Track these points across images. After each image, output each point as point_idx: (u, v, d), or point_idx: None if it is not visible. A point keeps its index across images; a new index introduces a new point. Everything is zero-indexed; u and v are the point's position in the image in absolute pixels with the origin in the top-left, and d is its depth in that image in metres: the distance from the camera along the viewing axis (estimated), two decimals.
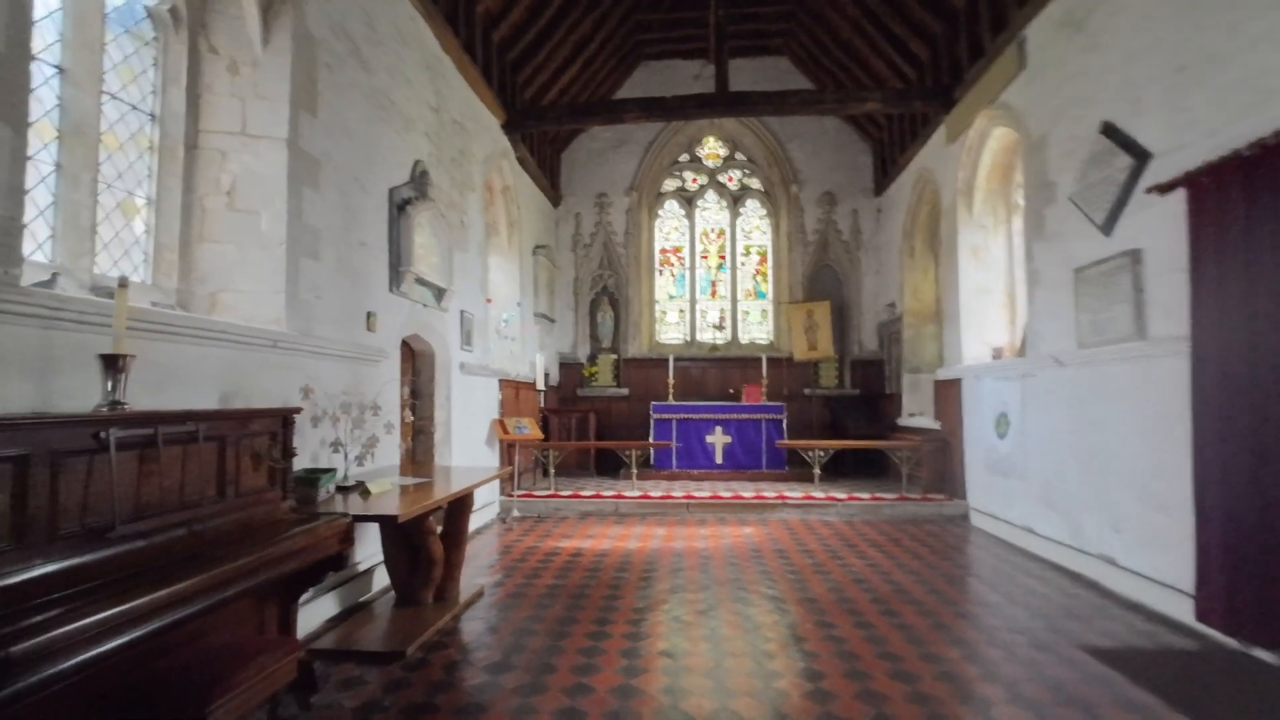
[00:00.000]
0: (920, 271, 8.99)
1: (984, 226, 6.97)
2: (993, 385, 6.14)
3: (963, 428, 6.86)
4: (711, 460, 8.72)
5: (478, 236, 6.81)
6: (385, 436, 3.76)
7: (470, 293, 6.51)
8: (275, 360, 3.35)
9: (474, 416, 6.51)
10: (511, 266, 8.44)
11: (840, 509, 6.83)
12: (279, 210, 3.54)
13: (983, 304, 6.92)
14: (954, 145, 7.15)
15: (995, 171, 6.83)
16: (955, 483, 7.02)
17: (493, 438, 6.93)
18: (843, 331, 10.24)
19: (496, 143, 7.47)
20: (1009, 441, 5.80)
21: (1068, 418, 4.93)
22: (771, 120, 10.53)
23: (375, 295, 4.54)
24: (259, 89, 3.56)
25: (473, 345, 6.44)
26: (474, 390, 6.47)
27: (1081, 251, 4.73)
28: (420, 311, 5.29)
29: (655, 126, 10.65)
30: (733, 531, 6.25)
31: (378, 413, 3.67)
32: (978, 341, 6.90)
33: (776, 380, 9.81)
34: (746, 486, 8.01)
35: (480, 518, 6.55)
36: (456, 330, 6.08)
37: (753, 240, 10.98)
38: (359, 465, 3.60)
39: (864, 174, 10.39)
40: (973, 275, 6.98)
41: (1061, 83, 5.05)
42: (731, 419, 8.77)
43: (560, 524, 6.63)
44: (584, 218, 10.70)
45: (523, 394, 8.13)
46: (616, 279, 10.65)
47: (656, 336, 10.92)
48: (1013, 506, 5.78)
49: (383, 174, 4.71)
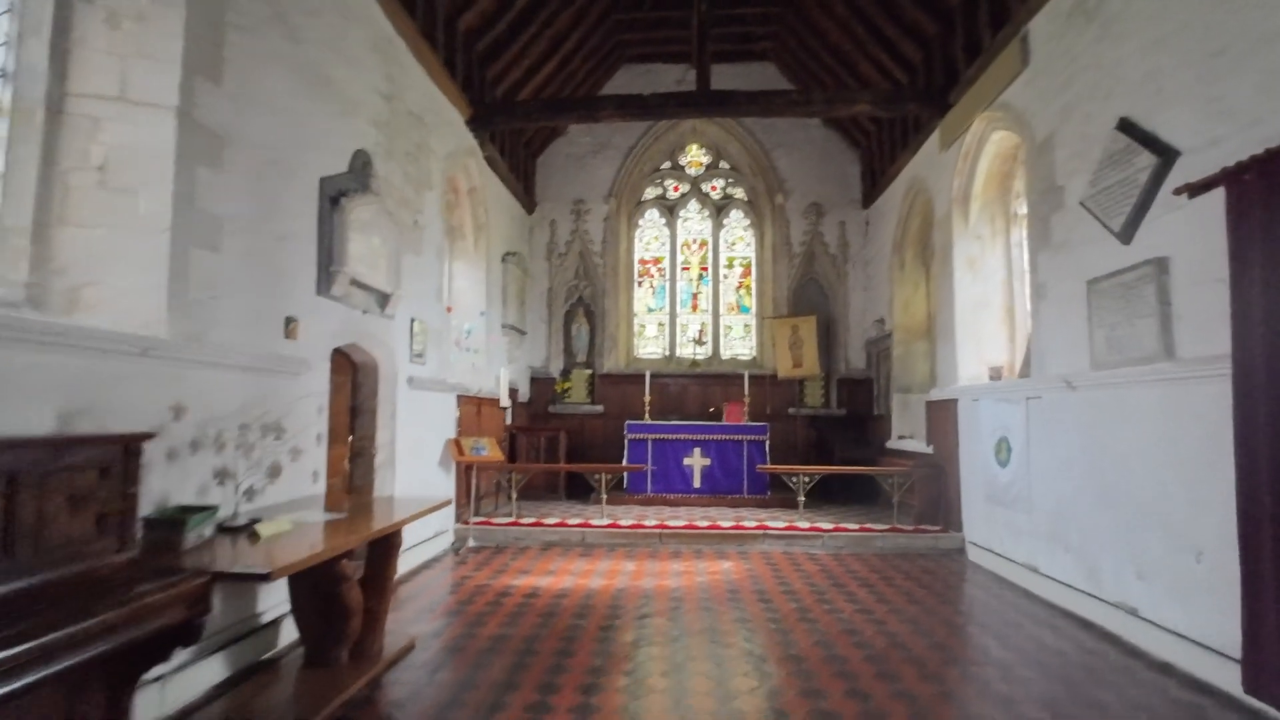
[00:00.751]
0: (911, 286, 8.55)
1: (980, 237, 6.53)
2: (992, 408, 5.65)
3: (958, 453, 6.36)
4: (689, 484, 8.14)
5: (435, 239, 6.23)
6: (291, 464, 3.16)
7: (424, 299, 5.92)
8: (144, 371, 2.73)
9: (425, 436, 5.88)
10: (477, 273, 7.86)
11: (826, 541, 6.28)
12: (163, 191, 2.94)
13: (980, 319, 6.46)
14: (949, 152, 6.73)
15: (993, 179, 6.41)
16: (950, 513, 6.50)
17: (447, 459, 6.30)
18: (829, 348, 9.76)
19: (461, 139, 6.93)
20: (1011, 470, 5.29)
21: (1080, 445, 4.43)
22: (757, 128, 10.12)
23: (298, 297, 3.94)
24: (144, 47, 2.98)
25: (425, 357, 5.84)
26: (426, 407, 5.86)
27: (1095, 261, 4.26)
28: (358, 319, 4.69)
29: (635, 132, 10.19)
30: (709, 567, 5.67)
31: (280, 436, 3.07)
32: (974, 360, 6.42)
33: (759, 399, 9.29)
34: (726, 513, 7.44)
35: (431, 548, 5.90)
36: (405, 340, 5.48)
37: (736, 252, 10.51)
38: (248, 501, 2.98)
39: (852, 184, 9.98)
40: (969, 289, 6.52)
41: (1070, 78, 4.62)
42: (711, 440, 8.22)
43: (520, 556, 6.00)
44: (559, 225, 10.17)
45: (485, 411, 7.51)
46: (593, 289, 10.11)
47: (634, 351, 10.37)
48: (1016, 542, 5.26)
49: (313, 160, 4.13)
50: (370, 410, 5.16)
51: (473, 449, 6.33)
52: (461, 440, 6.37)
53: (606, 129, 10.19)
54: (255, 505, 3.19)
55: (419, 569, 5.50)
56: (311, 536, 2.90)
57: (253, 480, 2.99)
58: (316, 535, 2.94)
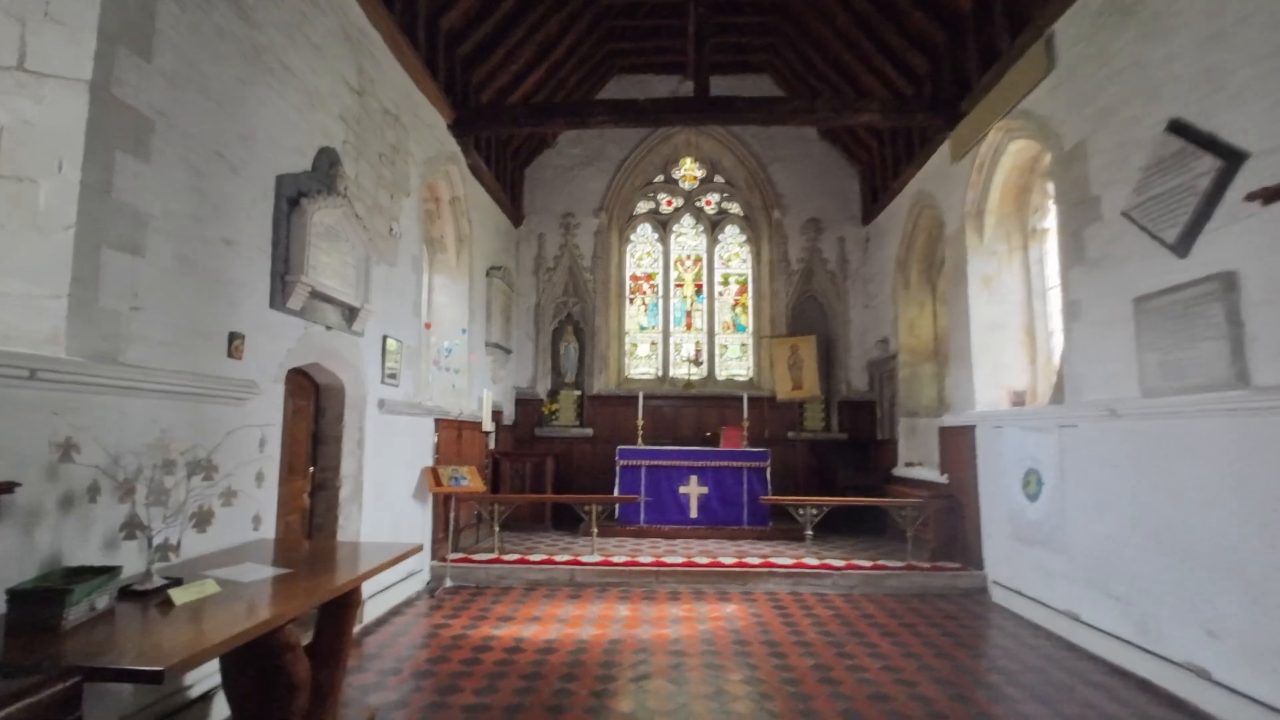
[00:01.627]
0: (916, 305, 8.18)
1: (996, 254, 6.16)
2: (1018, 436, 5.21)
3: (977, 484, 5.91)
4: (685, 514, 7.61)
5: (412, 249, 5.73)
6: (224, 508, 2.62)
7: (399, 315, 5.40)
8: (29, 399, 2.20)
9: (398, 465, 5.32)
10: (459, 288, 7.36)
11: (837, 580, 5.77)
12: (69, 180, 2.43)
13: (997, 341, 6.05)
14: (960, 164, 6.38)
15: (1009, 192, 6.05)
16: (970, 549, 6.03)
17: (423, 490, 5.73)
18: (829, 369, 9.34)
19: (442, 144, 6.47)
20: (1042, 505, 4.84)
21: (1126, 481, 3.99)
22: (753, 141, 9.78)
23: (247, 311, 3.41)
24: (51, 9, 2.48)
25: (400, 378, 5.30)
26: (399, 433, 5.31)
27: (1143, 277, 3.86)
28: (321, 335, 4.16)
29: (627, 144, 9.81)
30: (711, 611, 5.13)
31: (211, 476, 2.54)
32: (992, 384, 6.00)
33: (758, 422, 8.81)
34: (726, 547, 6.91)
35: (403, 590, 5.31)
36: (376, 359, 4.95)
37: (732, 268, 10.11)
38: (165, 557, 2.43)
39: (851, 200, 9.65)
40: (984, 309, 6.12)
41: (1105, 80, 4.26)
42: (708, 467, 7.71)
43: (502, 598, 5.42)
44: (548, 239, 9.71)
45: (466, 435, 6.96)
46: (582, 307, 9.63)
47: (626, 371, 9.87)
48: (1049, 585, 4.79)
49: (267, 155, 3.63)
50: (335, 438, 4.60)
51: (451, 479, 5.77)
52: (439, 469, 5.81)
53: (597, 141, 9.80)
54: (177, 561, 2.64)
55: (388, 615, 4.91)
56: (244, 601, 2.35)
57: (172, 531, 2.45)
58: (251, 599, 2.39)
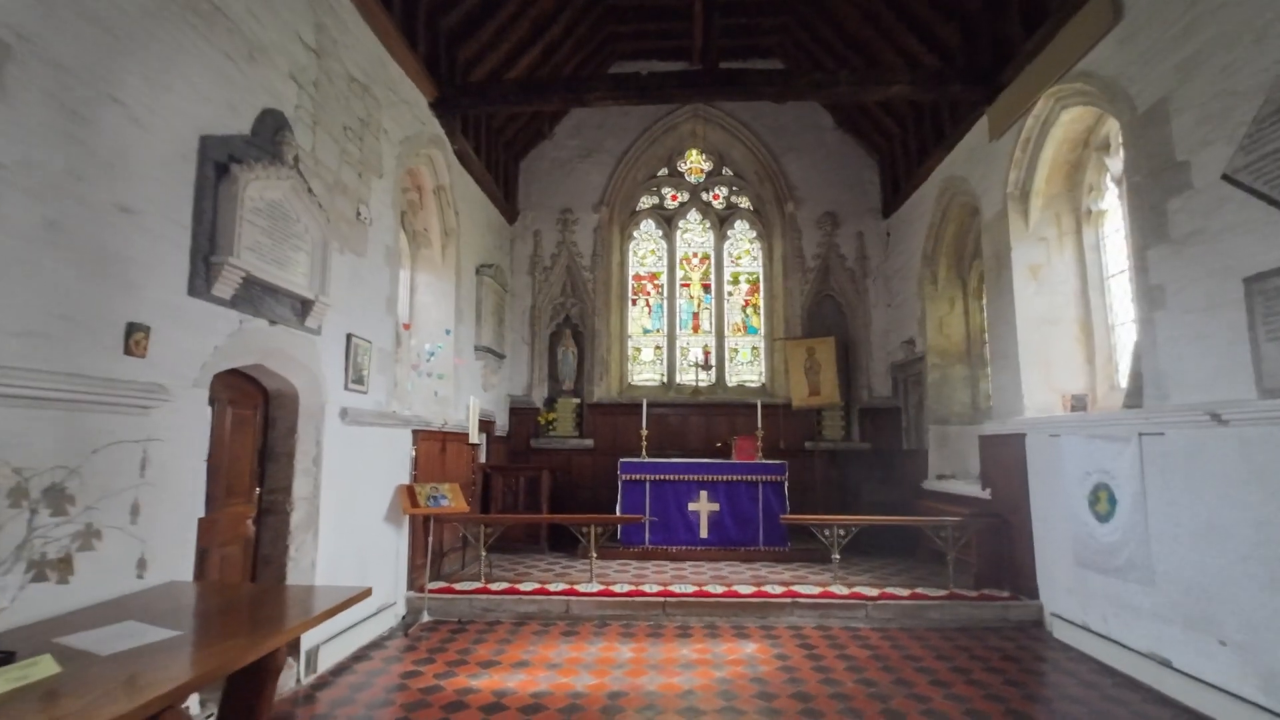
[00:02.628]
0: (945, 302, 7.48)
1: (1044, 240, 5.47)
2: (1082, 446, 4.49)
3: (1029, 500, 5.18)
4: (695, 534, 6.89)
5: (386, 238, 5.07)
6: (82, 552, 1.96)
7: (368, 312, 4.74)
8: None
9: (367, 483, 4.64)
10: (445, 286, 6.70)
11: (871, 611, 5.04)
12: None
13: (1047, 338, 5.35)
14: (1000, 141, 5.70)
15: (1058, 171, 5.37)
16: (1020, 575, 5.29)
17: (398, 512, 5.04)
18: (849, 373, 8.63)
19: (423, 125, 5.83)
20: (1116, 526, 4.12)
21: (1239, 500, 3.28)
22: (763, 130, 9.14)
23: (152, 297, 2.75)
24: None
25: (368, 384, 4.63)
26: (368, 446, 4.63)
27: (1259, 251, 3.17)
28: (263, 332, 3.49)
29: (629, 135, 9.18)
30: (729, 651, 4.41)
31: (66, 511, 1.87)
32: (1043, 386, 5.30)
33: (771, 431, 8.10)
34: (740, 571, 6.18)
35: (371, 629, 4.62)
36: (338, 362, 4.28)
37: (742, 266, 9.43)
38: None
39: (870, 192, 8.98)
40: (1032, 302, 5.43)
41: (1194, 24, 3.59)
42: (720, 481, 7.00)
43: (486, 636, 4.71)
44: (544, 236, 9.06)
45: (452, 449, 6.28)
46: (581, 308, 8.96)
47: (628, 377, 9.19)
48: (1128, 622, 4.05)
49: (188, 109, 2.98)
50: (286, 453, 3.93)
51: (430, 498, 5.08)
52: (417, 487, 5.12)
53: (597, 132, 9.18)
54: (19, 625, 1.95)
55: (350, 662, 4.21)
56: (99, 683, 1.67)
57: (4, 584, 1.77)
58: (110, 678, 1.70)
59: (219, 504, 3.51)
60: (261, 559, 3.84)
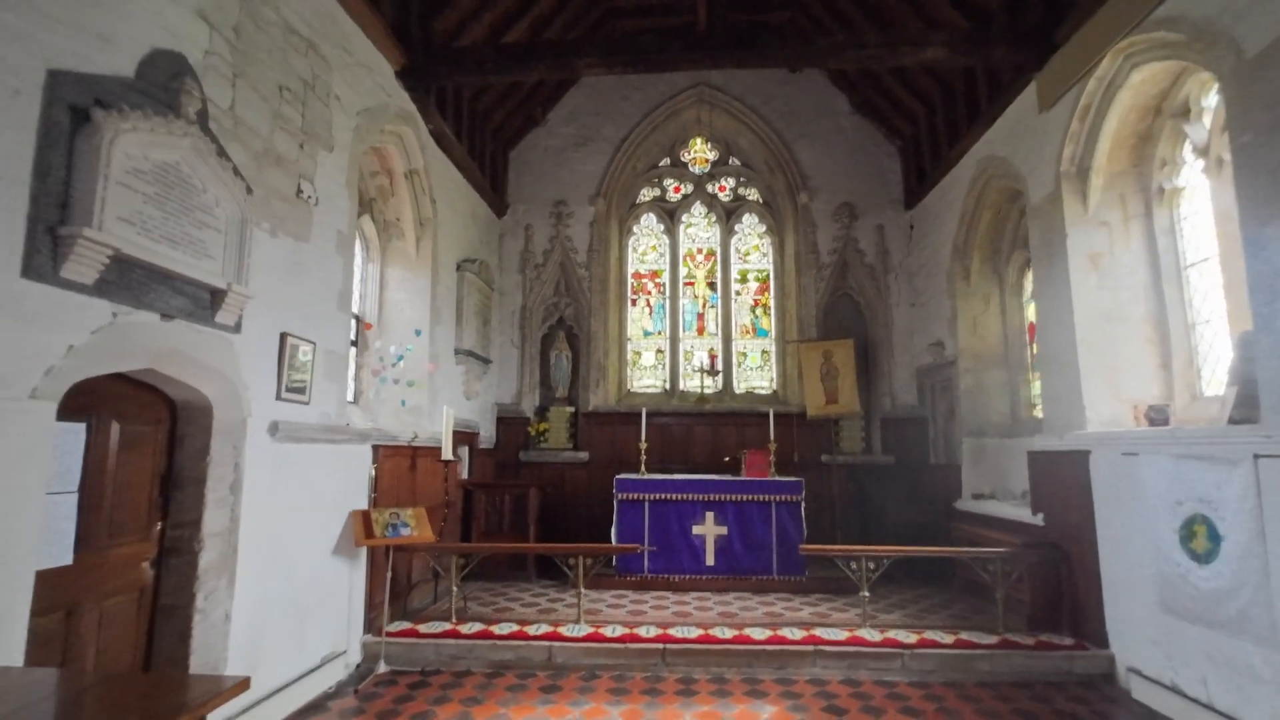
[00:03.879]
0: (980, 300, 6.71)
1: (1107, 224, 4.70)
2: (1168, 468, 3.71)
3: (1094, 529, 4.39)
4: (700, 561, 6.11)
5: (337, 222, 4.35)
6: None
7: (312, 307, 4.01)
8: None
9: (307, 511, 3.90)
10: (420, 282, 5.98)
11: (908, 662, 4.25)
12: None
13: (1111, 338, 4.57)
14: (1053, 112, 4.95)
15: (1123, 144, 4.61)
16: (1084, 618, 4.49)
17: (348, 543, 4.29)
18: (870, 379, 7.86)
19: (389, 97, 5.12)
20: (1222, 569, 3.33)
21: None
22: (773, 116, 8.40)
23: None
24: None
25: (309, 393, 3.89)
26: (311, 466, 3.89)
27: None
28: (153, 329, 2.76)
29: (628, 121, 8.46)
30: (742, 717, 3.63)
31: None
32: (1108, 395, 4.52)
33: (785, 443, 7.32)
34: (752, 605, 5.40)
35: (315, 683, 3.87)
36: (267, 367, 3.55)
37: (751, 263, 8.68)
38: None
39: (891, 182, 8.22)
40: (1093, 296, 4.65)
41: None
42: (728, 501, 6.22)
43: (452, 692, 3.95)
44: (536, 231, 8.34)
45: (424, 465, 5.53)
46: (576, 309, 8.22)
47: (627, 384, 8.44)
48: (1243, 689, 3.26)
49: (30, 30, 2.26)
50: (196, 479, 3.19)
51: (388, 527, 4.33)
52: (375, 513, 4.37)
53: (594, 118, 8.47)
54: None
55: None
56: None
57: None
58: None
59: (98, 545, 2.78)
60: (162, 611, 3.10)
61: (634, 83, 8.45)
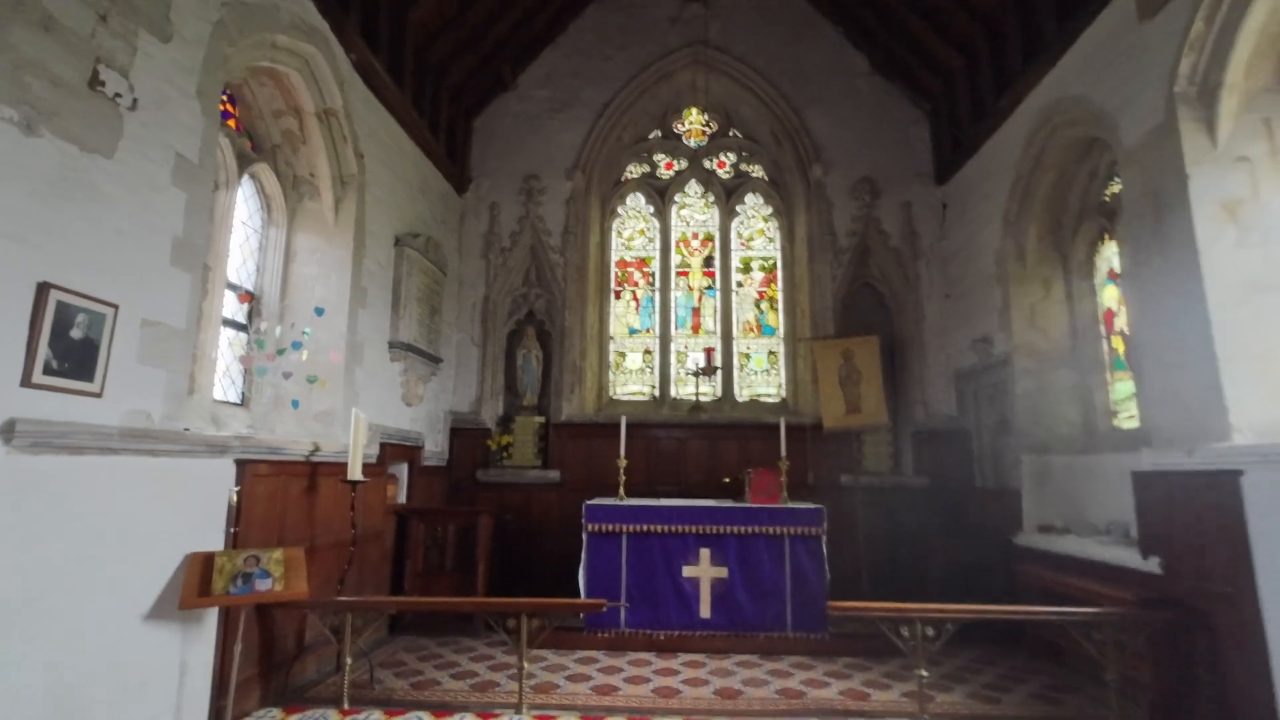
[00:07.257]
0: (1038, 285, 5.45)
1: (1246, 160, 3.45)
2: None
3: (1255, 583, 3.06)
4: (692, 613, 4.75)
5: (176, 142, 3.06)
6: None
7: (114, 254, 2.72)
8: None
9: (93, 564, 2.58)
10: (338, 254, 4.72)
11: None
12: None
13: (1260, 314, 3.30)
14: (1161, 18, 3.72)
15: (1267, 52, 3.38)
16: (1242, 710, 3.14)
17: (174, 604, 2.95)
18: (897, 384, 6.58)
19: (288, 8, 3.89)
20: None
21: None
22: (781, 80, 7.21)
23: None
24: None
25: (101, 377, 2.59)
26: (101, 493, 2.58)
27: None
28: None
29: (612, 84, 7.27)
30: None
31: None
32: (1261, 394, 3.23)
33: (796, 461, 6.00)
34: (761, 676, 4.04)
35: None
36: (11, 337, 2.25)
37: (755, 250, 7.43)
38: None
39: (919, 151, 7.01)
40: (1232, 257, 3.39)
41: None
42: (729, 534, 4.88)
43: None
44: (503, 209, 7.10)
45: (330, 488, 4.21)
46: (549, 301, 6.95)
47: (609, 390, 7.14)
48: None
49: None
50: None
51: (239, 577, 3.00)
52: (222, 559, 3.04)
53: (572, 80, 7.28)
54: None
55: None
56: None
57: None
58: None
59: None
60: None
61: (617, 41, 7.30)
